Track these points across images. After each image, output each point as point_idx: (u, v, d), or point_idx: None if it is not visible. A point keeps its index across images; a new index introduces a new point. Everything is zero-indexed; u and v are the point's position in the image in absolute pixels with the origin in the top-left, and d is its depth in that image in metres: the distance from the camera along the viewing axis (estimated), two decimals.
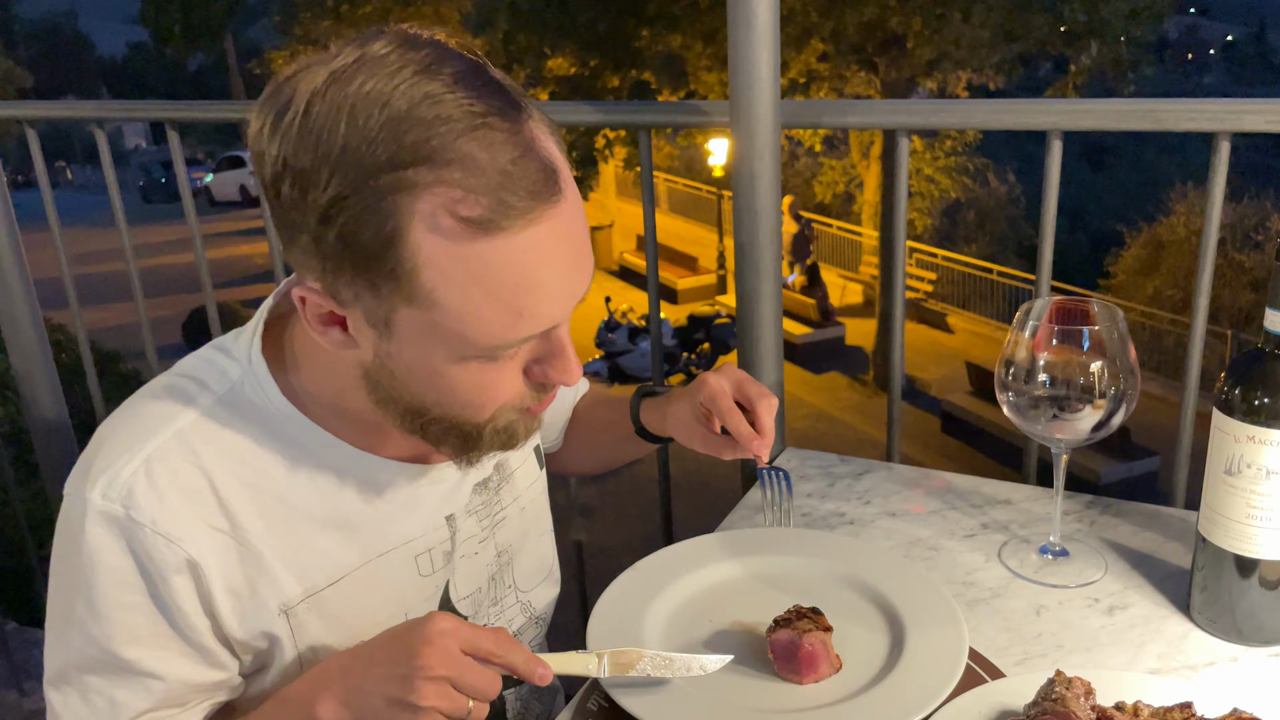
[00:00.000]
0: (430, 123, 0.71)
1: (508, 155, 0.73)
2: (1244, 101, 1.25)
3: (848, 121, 1.61)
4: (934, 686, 0.93)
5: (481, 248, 0.73)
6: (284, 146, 0.73)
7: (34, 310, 2.17)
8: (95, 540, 0.82)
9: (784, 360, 1.58)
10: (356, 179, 0.71)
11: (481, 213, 0.72)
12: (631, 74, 12.94)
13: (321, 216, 0.73)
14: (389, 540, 0.94)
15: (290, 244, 0.78)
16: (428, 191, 0.71)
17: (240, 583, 0.86)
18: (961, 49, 12.00)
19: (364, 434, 0.91)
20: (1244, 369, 0.95)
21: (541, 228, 0.75)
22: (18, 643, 2.83)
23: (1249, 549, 0.97)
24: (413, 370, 0.81)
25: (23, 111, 2.15)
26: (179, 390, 0.88)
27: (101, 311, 9.32)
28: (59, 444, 2.26)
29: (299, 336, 0.90)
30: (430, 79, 0.72)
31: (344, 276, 0.76)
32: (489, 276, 0.74)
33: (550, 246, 0.76)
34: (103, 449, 0.85)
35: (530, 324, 0.78)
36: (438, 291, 0.75)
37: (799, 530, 1.25)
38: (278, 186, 0.75)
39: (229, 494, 0.85)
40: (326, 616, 0.91)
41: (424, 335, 0.78)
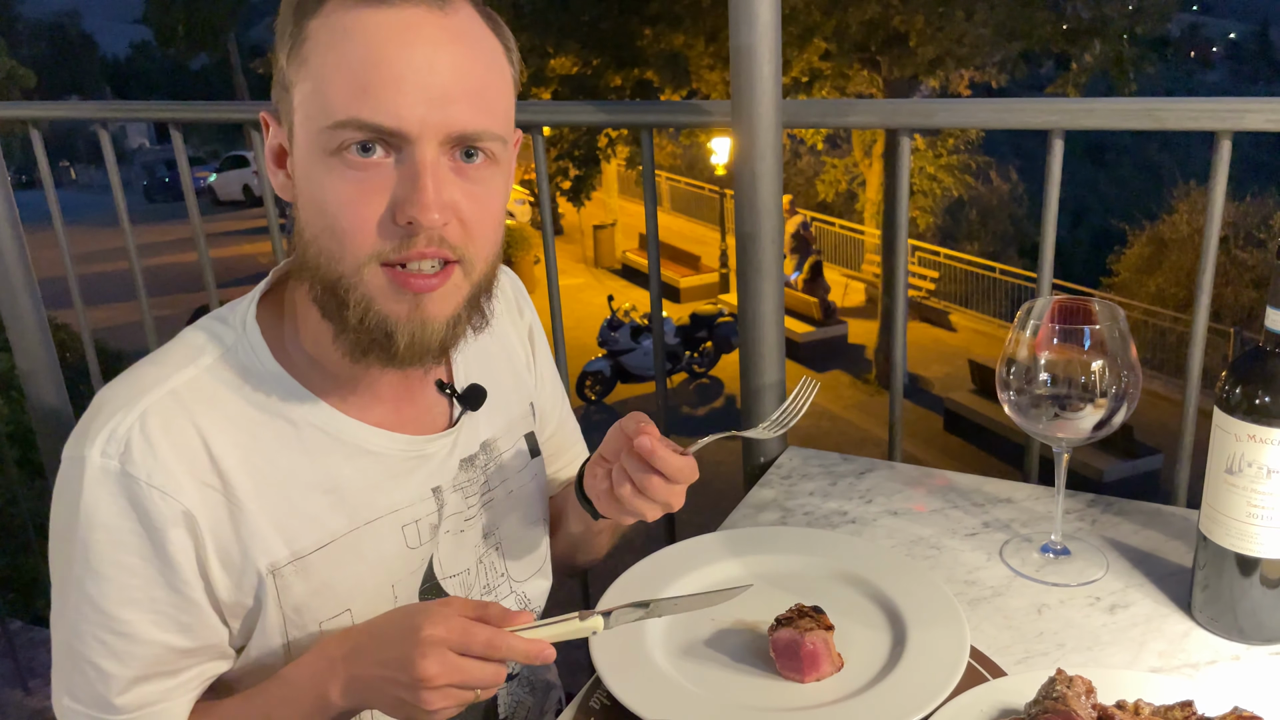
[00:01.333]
0: None
1: None
2: (1245, 100, 1.26)
3: (849, 121, 1.61)
4: (935, 685, 0.93)
5: (349, 18, 0.81)
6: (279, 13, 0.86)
7: (38, 309, 2.17)
8: (92, 498, 0.84)
9: (786, 358, 1.58)
10: None
11: None
12: (634, 73, 12.92)
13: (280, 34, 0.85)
14: (376, 508, 0.96)
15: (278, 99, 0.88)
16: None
17: (230, 541, 0.88)
18: (964, 47, 11.98)
19: (354, 396, 0.94)
20: (1245, 367, 0.95)
21: (406, 14, 0.81)
22: (23, 641, 2.84)
23: (1250, 548, 0.97)
24: (302, 189, 0.86)
25: (27, 112, 2.16)
26: (175, 354, 0.91)
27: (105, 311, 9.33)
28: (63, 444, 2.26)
29: (288, 298, 0.95)
30: None
31: (279, 86, 0.86)
32: (343, 42, 0.81)
33: (406, 31, 0.81)
34: (101, 410, 0.87)
35: (373, 105, 0.80)
36: (311, 57, 0.83)
37: (801, 529, 1.26)
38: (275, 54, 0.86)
39: (221, 453, 0.87)
40: (312, 581, 0.92)
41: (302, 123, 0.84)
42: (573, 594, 1.76)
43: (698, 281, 15.73)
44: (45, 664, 2.73)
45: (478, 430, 1.06)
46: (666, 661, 1.00)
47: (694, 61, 12.25)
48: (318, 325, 0.90)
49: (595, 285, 16.11)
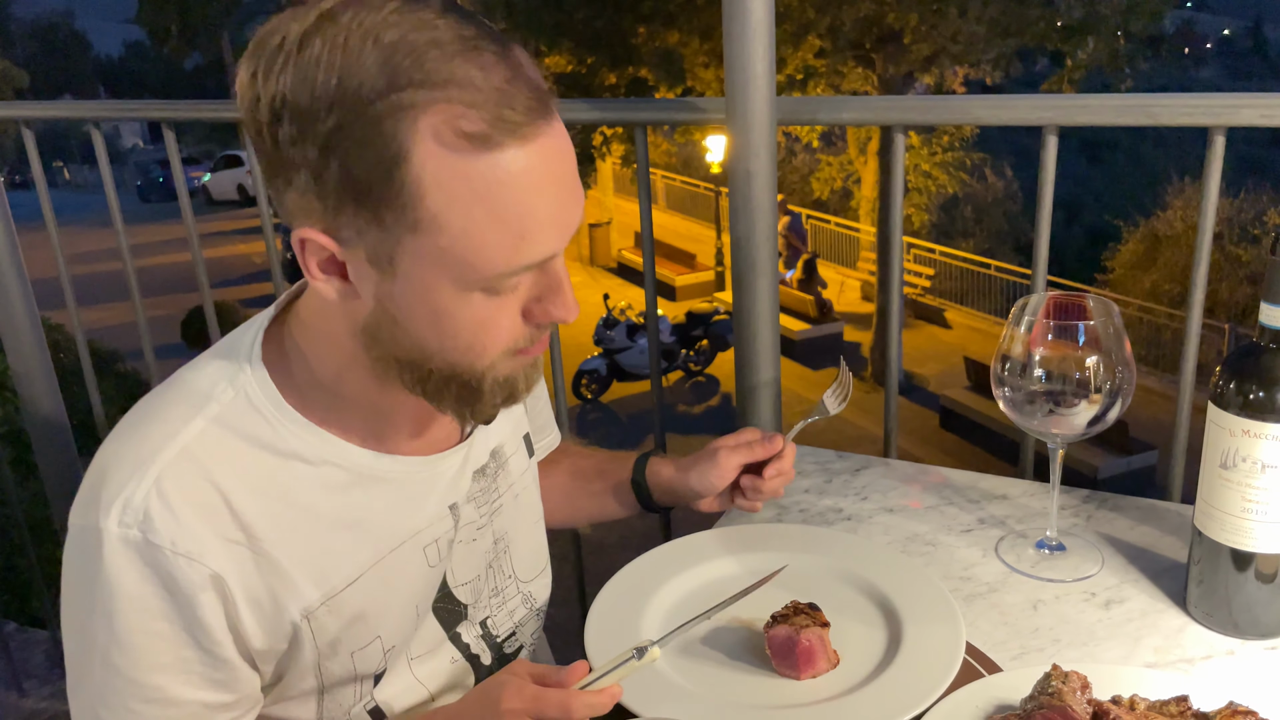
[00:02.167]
0: (425, 46, 0.73)
1: (501, 75, 0.74)
2: (1238, 96, 1.26)
3: (843, 118, 1.61)
4: (931, 681, 0.93)
5: (484, 165, 0.74)
6: (280, 85, 0.73)
7: (31, 310, 2.17)
8: (115, 568, 0.80)
9: (782, 356, 1.58)
10: (357, 106, 0.72)
11: (483, 128, 0.73)
12: (629, 71, 12.92)
13: (322, 149, 0.74)
14: (399, 534, 0.95)
15: (286, 187, 0.78)
16: (428, 110, 0.73)
17: (261, 592, 0.86)
18: (958, 44, 11.99)
19: (367, 424, 0.92)
20: (1239, 362, 0.95)
21: (539, 146, 0.76)
22: (17, 643, 2.83)
23: (1245, 543, 0.98)
24: (415, 311, 0.81)
25: (19, 111, 2.15)
26: (180, 403, 0.87)
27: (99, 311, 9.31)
28: (57, 444, 2.26)
29: (298, 328, 0.90)
30: (420, 7, 0.75)
31: (346, 213, 0.76)
32: (492, 195, 0.75)
33: (548, 167, 0.78)
34: (109, 474, 0.83)
35: (531, 249, 0.79)
36: (443, 214, 0.75)
37: (797, 526, 1.26)
38: (274, 128, 0.75)
39: (241, 505, 0.84)
40: (345, 615, 0.91)
41: (428, 266, 0.78)
42: (569, 592, 1.76)
43: (693, 280, 15.73)
44: (40, 665, 2.73)
45: (488, 439, 1.05)
46: (662, 659, 1.00)
47: (689, 59, 12.26)
48: (338, 362, 0.88)
49: (591, 284, 16.11)
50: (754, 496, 1.20)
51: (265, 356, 0.89)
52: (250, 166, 1.96)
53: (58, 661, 2.70)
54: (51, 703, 2.57)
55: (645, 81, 12.96)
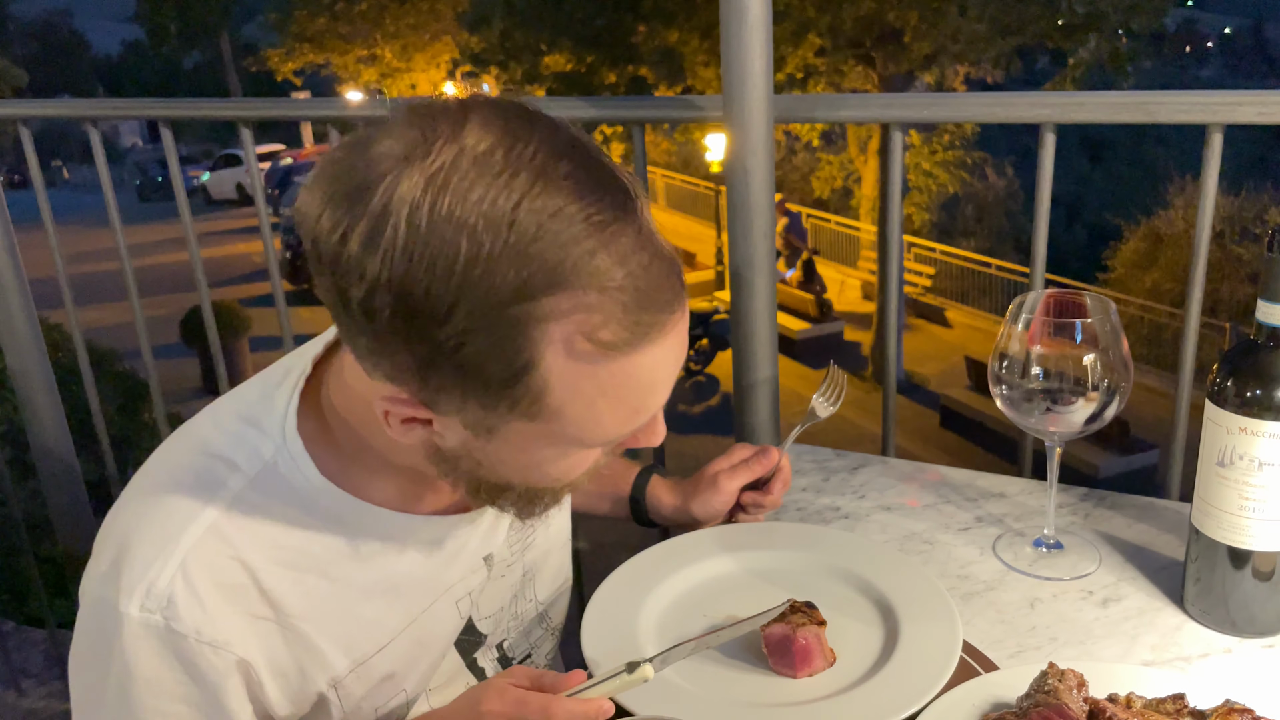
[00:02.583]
0: (562, 244, 0.66)
1: (639, 262, 0.69)
2: (1236, 93, 1.25)
3: (841, 115, 1.61)
4: (928, 680, 0.93)
5: (615, 366, 0.71)
6: (385, 267, 0.65)
7: (30, 310, 2.17)
8: (134, 651, 0.78)
9: (782, 355, 1.58)
10: (485, 312, 0.66)
11: (622, 336, 0.69)
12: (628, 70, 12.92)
13: (434, 346, 0.68)
14: (432, 592, 0.93)
15: (376, 355, 0.71)
16: (565, 319, 0.67)
17: (288, 664, 0.84)
18: (959, 43, 11.99)
19: (407, 489, 0.88)
20: (1236, 360, 0.95)
21: (670, 335, 0.73)
22: (15, 642, 2.83)
23: (1242, 540, 0.97)
24: (505, 463, 0.78)
25: (18, 110, 2.15)
26: (207, 473, 0.82)
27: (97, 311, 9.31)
28: (55, 443, 2.26)
29: (343, 395, 0.84)
30: (550, 187, 0.66)
31: (450, 394, 0.72)
32: (618, 388, 0.72)
33: (673, 349, 0.74)
34: (132, 551, 0.79)
35: (646, 416, 0.77)
36: (564, 408, 0.72)
37: (794, 525, 1.25)
38: (370, 304, 0.67)
39: (271, 582, 0.81)
40: (373, 678, 0.90)
41: (533, 440, 0.75)
42: None
43: (693, 279, 15.72)
44: (37, 665, 2.73)
45: None
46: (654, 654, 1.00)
47: (688, 58, 12.26)
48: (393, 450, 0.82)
49: None
50: (756, 511, 1.21)
51: (301, 419, 0.84)
52: (249, 166, 1.95)
53: (56, 661, 2.70)
54: (49, 702, 2.57)
55: (645, 80, 12.96)
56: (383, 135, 0.68)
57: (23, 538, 2.58)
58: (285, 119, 2.16)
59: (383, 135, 0.68)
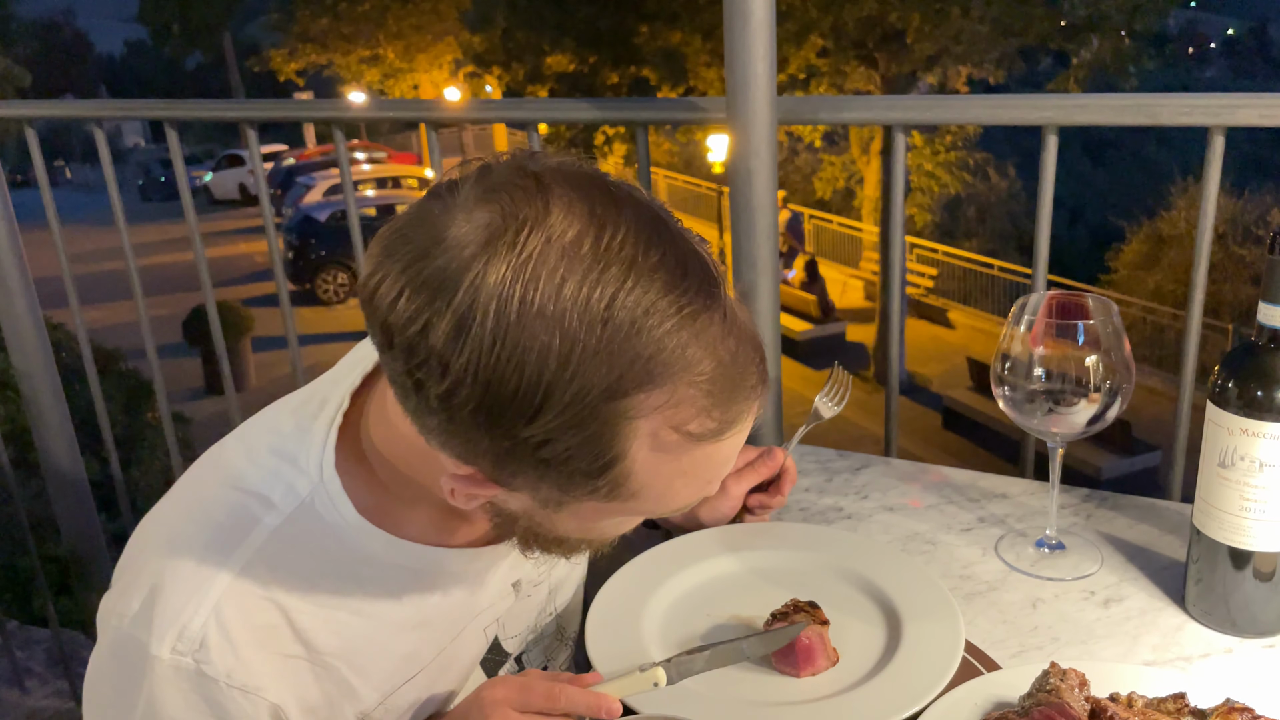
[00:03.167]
0: (656, 340, 0.64)
1: (727, 350, 0.68)
2: (1237, 96, 1.26)
3: (844, 117, 1.61)
4: (930, 679, 0.93)
5: (700, 453, 0.70)
6: (471, 363, 0.63)
7: (34, 309, 2.17)
8: (162, 694, 0.76)
9: (784, 356, 1.59)
10: (575, 410, 0.64)
11: (710, 427, 0.69)
12: (631, 70, 12.93)
13: (521, 442, 0.66)
14: (462, 621, 0.92)
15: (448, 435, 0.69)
16: (655, 414, 0.67)
17: (318, 701, 0.83)
18: (961, 44, 12.00)
19: (440, 521, 0.87)
20: (1238, 361, 0.95)
21: (750, 418, 0.73)
22: (19, 641, 2.84)
23: (1243, 541, 0.98)
24: (569, 528, 0.78)
25: (22, 111, 2.15)
26: (241, 510, 0.80)
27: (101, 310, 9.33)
28: (59, 443, 2.26)
29: (383, 428, 0.82)
30: (642, 280, 0.64)
31: (526, 478, 0.70)
32: (697, 470, 0.72)
33: (749, 426, 0.73)
34: (165, 593, 0.77)
35: (715, 488, 0.77)
36: (641, 491, 0.71)
37: (797, 525, 1.26)
38: (451, 399, 0.65)
39: (304, 622, 0.80)
40: (401, 707, 0.89)
41: (603, 515, 0.76)
42: None
43: None
44: (42, 663, 2.74)
45: None
46: (662, 656, 1.00)
47: (691, 59, 12.27)
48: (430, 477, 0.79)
49: None
50: (762, 513, 1.21)
51: (338, 454, 0.82)
52: (253, 167, 1.96)
53: (59, 660, 2.71)
54: (53, 701, 2.57)
55: (648, 81, 12.97)
56: (457, 213, 0.65)
57: (27, 537, 2.58)
58: (289, 120, 2.17)
59: (457, 213, 0.65)
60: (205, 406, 9.64)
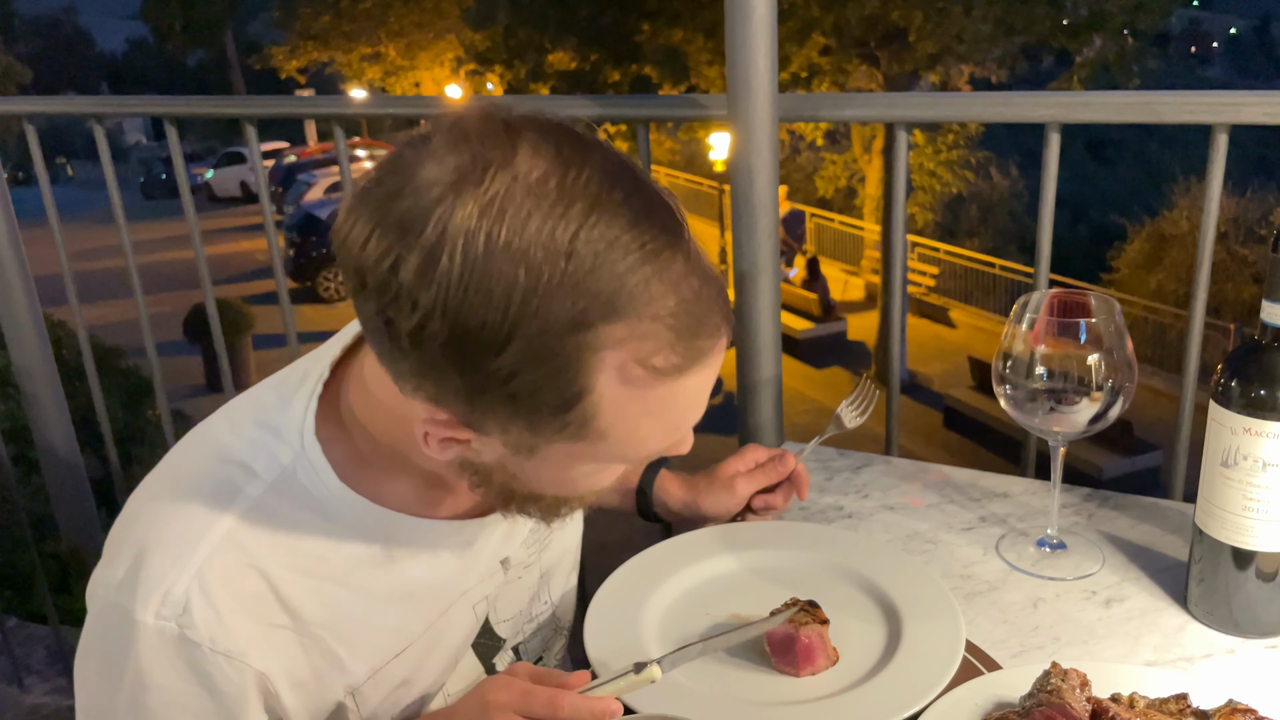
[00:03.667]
0: (619, 274, 0.66)
1: (690, 288, 0.70)
2: (1241, 94, 1.25)
3: (845, 115, 1.61)
4: (931, 679, 0.93)
5: (664, 389, 0.71)
6: (440, 298, 0.65)
7: (34, 306, 2.17)
8: (148, 661, 0.77)
9: (785, 355, 1.58)
10: (541, 342, 0.66)
11: (675, 362, 0.70)
12: (632, 69, 12.93)
13: (487, 376, 0.68)
14: (449, 596, 0.93)
15: (416, 375, 0.71)
16: (620, 347, 0.68)
17: (306, 674, 0.83)
18: (963, 43, 11.99)
19: (423, 492, 0.88)
20: (1241, 361, 0.95)
21: (715, 355, 0.74)
22: (19, 638, 2.84)
23: (1246, 541, 0.97)
24: (541, 478, 0.79)
25: (22, 107, 2.15)
26: (224, 480, 0.81)
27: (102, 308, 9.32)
28: (59, 440, 2.26)
29: (364, 402, 0.84)
30: (605, 216, 0.66)
31: (497, 417, 0.72)
32: (664, 409, 0.73)
33: (716, 365, 0.75)
34: (149, 559, 0.78)
35: (683, 433, 0.79)
36: (610, 430, 0.73)
37: (797, 524, 1.25)
38: (420, 334, 0.67)
39: (289, 590, 0.81)
40: (391, 684, 0.90)
41: (574, 459, 0.76)
42: None
43: None
44: (41, 660, 2.73)
45: None
46: (661, 655, 1.00)
47: (692, 57, 12.27)
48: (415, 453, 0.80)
49: None
50: (765, 514, 1.22)
51: (319, 423, 0.83)
52: (253, 164, 1.95)
53: (59, 657, 2.71)
54: (53, 698, 2.57)
55: (649, 79, 12.97)
56: (427, 159, 0.67)
57: (27, 534, 2.58)
58: (290, 117, 2.17)
59: (427, 159, 0.67)
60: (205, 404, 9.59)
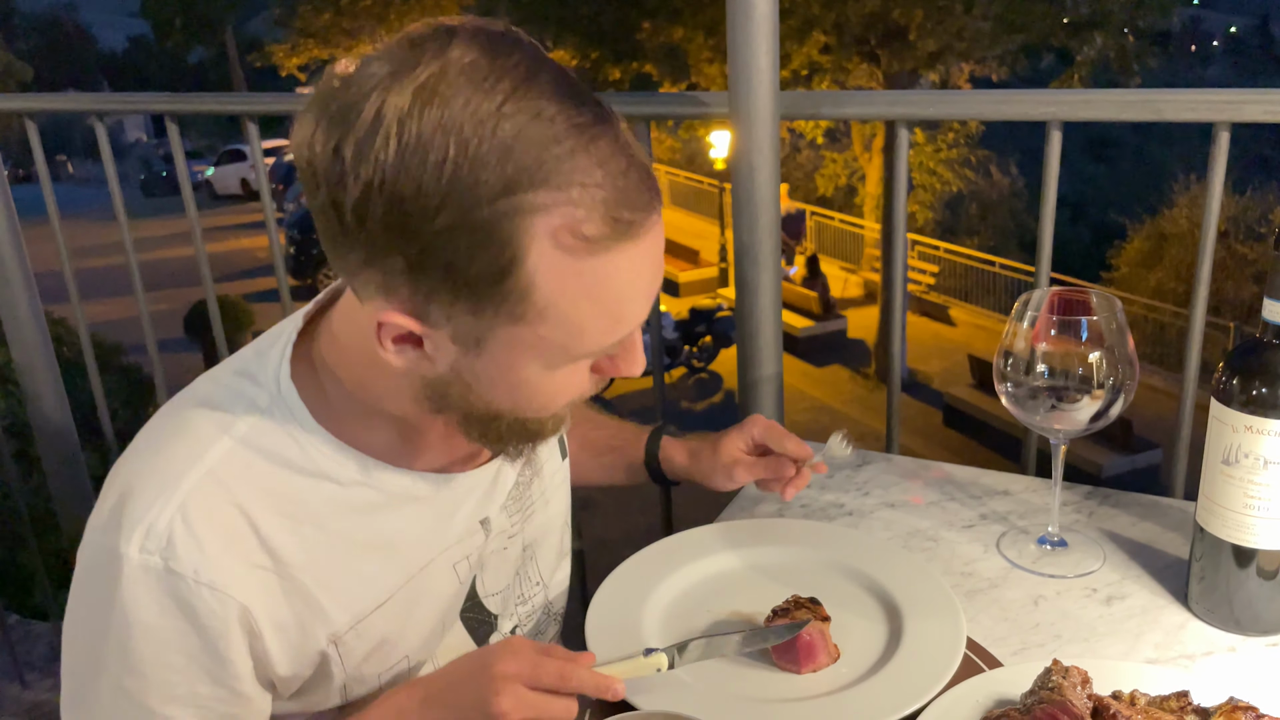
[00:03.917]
0: (544, 142, 0.69)
1: (618, 166, 0.72)
2: (1243, 91, 1.25)
3: (847, 112, 1.60)
4: (931, 676, 0.93)
5: (597, 263, 0.73)
6: (378, 171, 0.68)
7: (35, 303, 2.17)
8: (133, 597, 0.78)
9: (785, 353, 1.58)
10: (471, 207, 0.68)
11: (603, 230, 0.71)
12: (633, 67, 12.92)
13: (427, 244, 0.70)
14: (429, 552, 0.93)
15: (365, 265, 0.73)
16: (548, 213, 0.70)
17: (288, 618, 0.84)
18: (964, 41, 11.98)
19: (399, 444, 0.90)
20: (1242, 358, 0.95)
21: (647, 237, 0.75)
22: (19, 635, 2.84)
23: (1247, 539, 0.97)
24: (494, 382, 0.80)
25: (23, 104, 2.15)
26: (206, 424, 0.83)
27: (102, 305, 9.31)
28: (60, 437, 2.26)
29: (332, 347, 0.87)
30: (533, 91, 0.70)
31: (439, 300, 0.73)
32: (600, 289, 0.74)
33: (651, 255, 0.77)
34: (132, 495, 0.80)
35: (626, 327, 0.79)
36: (549, 308, 0.74)
37: (798, 521, 1.26)
38: (363, 208, 0.70)
39: (269, 530, 0.82)
40: (373, 639, 0.90)
41: (520, 349, 0.77)
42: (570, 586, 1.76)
43: (697, 276, 15.73)
44: (42, 657, 2.74)
45: None
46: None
47: (693, 55, 12.26)
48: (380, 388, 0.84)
49: None
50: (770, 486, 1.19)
51: (294, 373, 0.86)
52: (253, 161, 1.95)
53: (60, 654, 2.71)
54: (53, 695, 2.57)
55: (649, 77, 12.96)
56: (370, 61, 0.72)
57: (27, 531, 2.58)
58: (291, 113, 2.17)
59: (370, 61, 0.72)
60: None
